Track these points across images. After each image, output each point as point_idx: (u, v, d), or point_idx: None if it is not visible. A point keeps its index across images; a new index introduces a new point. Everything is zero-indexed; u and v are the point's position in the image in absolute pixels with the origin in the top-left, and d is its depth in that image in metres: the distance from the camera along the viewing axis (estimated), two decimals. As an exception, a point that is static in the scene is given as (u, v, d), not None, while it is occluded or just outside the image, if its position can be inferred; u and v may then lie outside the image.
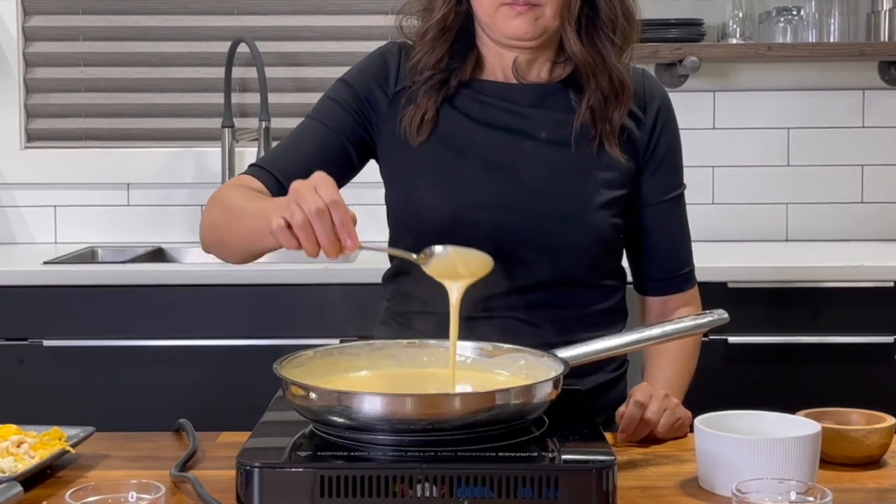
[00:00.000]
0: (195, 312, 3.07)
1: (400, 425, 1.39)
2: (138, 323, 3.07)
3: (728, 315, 1.68)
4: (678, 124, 2.00)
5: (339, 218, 1.46)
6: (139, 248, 3.65)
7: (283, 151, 1.93)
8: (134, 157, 3.74)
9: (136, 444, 1.70)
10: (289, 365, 1.56)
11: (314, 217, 1.45)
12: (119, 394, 3.06)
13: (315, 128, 1.93)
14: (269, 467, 1.36)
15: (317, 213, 1.45)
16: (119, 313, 3.07)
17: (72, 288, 3.08)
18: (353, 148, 1.92)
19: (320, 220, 1.45)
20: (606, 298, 1.95)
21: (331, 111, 1.93)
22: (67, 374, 3.07)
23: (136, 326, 3.07)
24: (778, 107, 3.73)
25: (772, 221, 3.75)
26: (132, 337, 3.07)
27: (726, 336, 3.06)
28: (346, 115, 1.92)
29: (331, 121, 1.92)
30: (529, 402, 1.45)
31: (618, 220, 1.92)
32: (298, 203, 1.47)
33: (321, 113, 1.94)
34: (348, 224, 1.47)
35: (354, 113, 1.92)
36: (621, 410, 1.71)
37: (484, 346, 1.68)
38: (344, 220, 1.46)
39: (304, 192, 1.48)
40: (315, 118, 1.94)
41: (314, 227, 1.46)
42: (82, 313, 3.07)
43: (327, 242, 1.46)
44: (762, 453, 1.41)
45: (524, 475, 1.34)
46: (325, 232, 1.46)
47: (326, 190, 1.48)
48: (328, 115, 1.93)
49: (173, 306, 3.07)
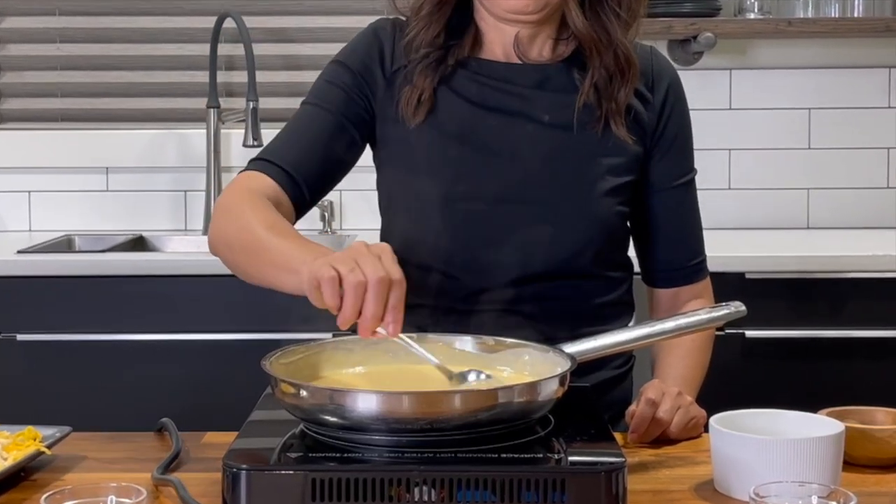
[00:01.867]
0: (178, 305, 3.07)
1: (396, 425, 1.39)
2: (118, 316, 3.07)
3: (745, 307, 1.68)
4: (690, 105, 1.99)
5: (395, 298, 1.44)
6: (119, 237, 3.64)
7: (287, 141, 1.91)
8: (113, 140, 3.74)
9: (115, 445, 1.71)
10: (278, 361, 1.56)
11: (374, 284, 1.42)
12: (97, 391, 3.07)
13: (316, 113, 1.92)
14: (257, 470, 1.36)
15: (378, 282, 1.43)
16: (97, 306, 3.07)
17: (47, 279, 3.08)
18: (357, 129, 1.92)
19: (378, 290, 1.43)
20: (612, 290, 1.95)
21: (329, 94, 1.93)
22: (42, 370, 3.07)
23: (116, 320, 3.07)
24: (799, 86, 3.73)
25: (792, 208, 3.75)
26: (111, 331, 3.07)
27: (743, 330, 3.07)
28: (346, 96, 1.92)
29: (331, 104, 1.92)
30: (534, 401, 1.45)
31: (624, 207, 1.92)
32: (359, 263, 1.44)
33: (319, 97, 1.93)
34: (400, 309, 1.45)
35: (354, 94, 1.92)
36: (632, 409, 1.71)
37: (485, 341, 1.68)
38: (399, 303, 1.44)
39: (369, 257, 1.45)
40: (314, 103, 1.93)
41: (368, 294, 1.43)
42: (58, 306, 3.07)
43: (371, 315, 1.43)
44: (781, 454, 1.41)
45: (528, 478, 1.34)
46: (375, 304, 1.43)
47: (392, 266, 1.45)
48: (327, 98, 1.93)
49: (155, 298, 3.07)
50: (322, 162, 1.89)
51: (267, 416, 1.58)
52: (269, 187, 1.83)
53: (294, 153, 1.88)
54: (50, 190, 3.74)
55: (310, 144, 1.89)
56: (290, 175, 1.85)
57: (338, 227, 3.68)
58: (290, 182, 1.85)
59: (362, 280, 1.43)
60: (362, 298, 1.43)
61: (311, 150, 1.88)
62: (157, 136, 3.74)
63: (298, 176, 1.86)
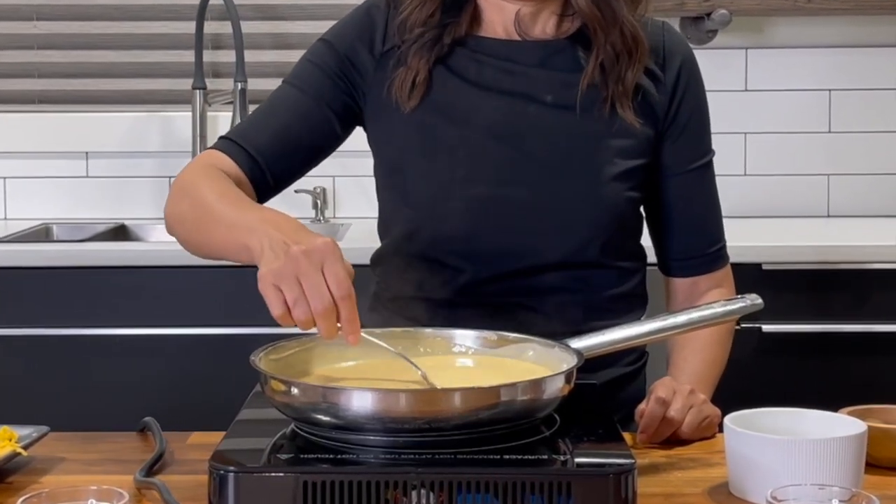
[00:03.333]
0: (163, 297, 3.07)
1: (393, 424, 1.39)
2: (98, 309, 3.07)
3: (762, 300, 1.68)
4: (704, 85, 1.99)
5: (347, 313, 1.46)
6: (99, 225, 3.64)
7: (257, 122, 1.92)
8: (93, 123, 3.73)
9: (95, 446, 1.71)
10: (268, 356, 1.56)
11: (320, 317, 1.45)
12: (76, 389, 3.07)
13: (292, 95, 1.92)
14: (246, 472, 1.36)
15: (323, 315, 1.45)
16: (77, 298, 3.07)
17: (23, 270, 3.08)
18: (336, 117, 1.92)
19: (325, 319, 1.45)
20: (623, 282, 1.95)
21: (310, 76, 1.93)
22: (18, 366, 3.07)
23: (96, 313, 3.07)
24: (819, 66, 3.73)
25: (811, 195, 3.75)
26: (91, 325, 3.07)
27: (760, 324, 3.07)
28: (328, 79, 1.92)
29: (310, 87, 1.92)
30: (539, 399, 1.45)
31: (635, 193, 1.92)
32: (303, 287, 1.45)
33: (299, 78, 1.94)
34: (355, 321, 1.46)
35: (337, 77, 1.92)
36: (641, 408, 1.71)
37: (487, 336, 1.68)
38: (350, 317, 1.46)
39: (312, 276, 1.45)
40: (292, 84, 1.94)
41: (318, 323, 1.45)
42: (35, 298, 3.07)
43: (326, 335, 1.46)
44: (800, 456, 1.41)
45: (532, 480, 1.34)
46: (327, 328, 1.46)
47: (337, 278, 1.46)
48: (307, 80, 1.93)
49: (138, 290, 3.07)
50: (291, 147, 1.89)
51: (256, 415, 1.58)
52: (229, 168, 1.84)
53: (261, 135, 1.88)
54: (26, 176, 3.74)
55: (280, 128, 1.89)
56: (253, 158, 1.86)
57: (331, 214, 3.67)
58: (253, 165, 1.86)
59: (308, 316, 1.45)
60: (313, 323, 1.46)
61: (280, 133, 1.88)
62: (140, 118, 3.74)
63: (262, 159, 1.86)
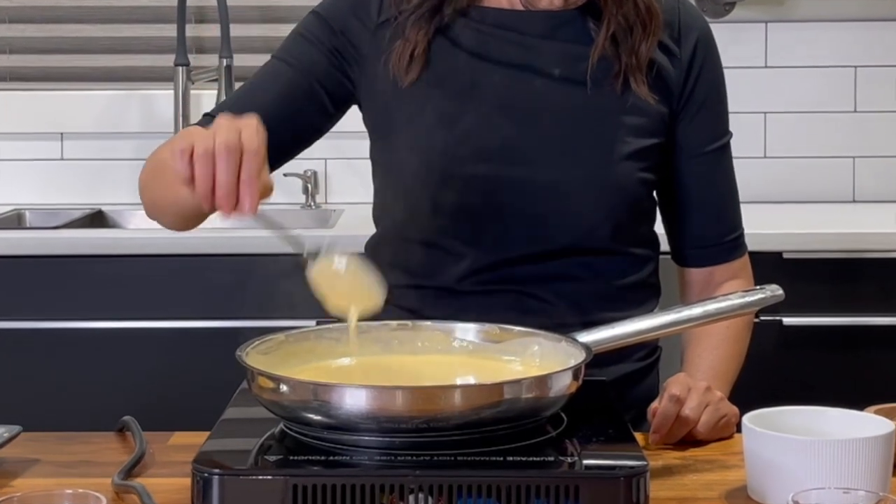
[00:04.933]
0: (143, 288, 3.07)
1: (389, 424, 1.40)
2: (74, 301, 3.07)
3: (783, 291, 1.69)
4: (722, 61, 1.99)
5: (248, 169, 1.46)
6: (75, 211, 3.64)
7: (241, 99, 1.93)
8: (69, 102, 3.73)
9: (71, 447, 1.71)
10: (255, 351, 1.56)
11: (220, 152, 1.45)
12: (51, 386, 3.07)
13: (281, 70, 1.93)
14: (232, 475, 1.36)
15: (225, 150, 1.45)
16: (51, 289, 3.07)
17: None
18: (328, 94, 1.92)
19: (226, 159, 1.45)
20: (635, 270, 1.95)
21: (300, 50, 1.93)
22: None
23: (72, 305, 3.07)
24: (843, 40, 3.72)
25: (835, 179, 3.75)
26: (67, 317, 3.07)
27: (780, 316, 3.07)
28: (319, 54, 1.92)
29: (300, 62, 1.92)
30: (544, 396, 1.45)
31: (648, 174, 1.92)
32: (215, 133, 1.47)
33: (288, 52, 1.94)
34: (253, 182, 1.46)
35: (329, 52, 1.92)
36: (654, 406, 1.71)
37: (489, 329, 1.68)
38: (252, 175, 1.46)
39: (224, 127, 1.47)
40: (281, 58, 1.94)
41: (216, 164, 1.45)
42: (6, 289, 3.08)
43: (222, 187, 1.45)
44: (824, 457, 1.41)
45: (538, 484, 1.34)
46: (226, 175, 1.45)
47: (249, 136, 1.47)
48: (297, 54, 1.93)
49: (116, 280, 3.07)
50: (278, 127, 1.89)
51: (242, 413, 1.59)
52: None
53: (246, 112, 1.88)
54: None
55: (267, 106, 1.88)
56: None
57: (322, 200, 3.67)
58: None
59: (209, 147, 1.45)
60: (212, 170, 1.45)
61: (266, 112, 1.87)
62: (119, 97, 3.74)
63: None
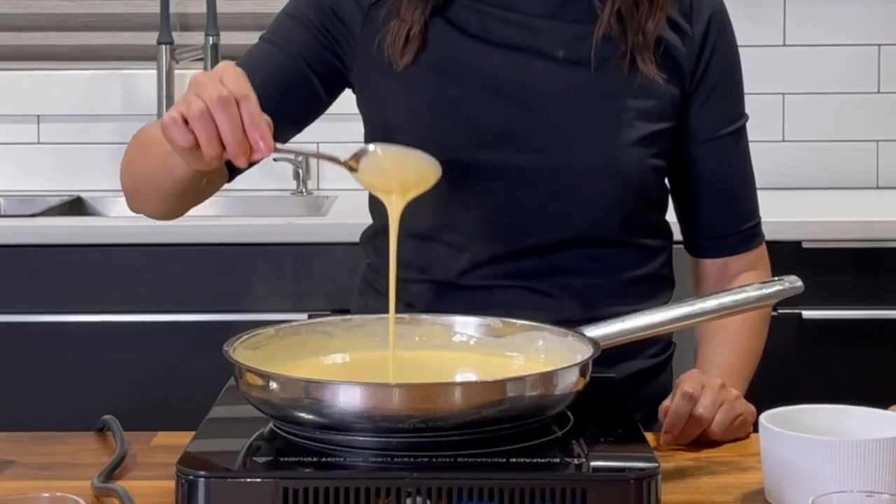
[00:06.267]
0: (124, 279, 3.07)
1: (385, 423, 1.40)
2: (51, 293, 3.07)
3: (802, 283, 1.69)
4: (737, 39, 1.99)
5: (248, 112, 1.48)
6: (52, 198, 3.64)
7: None
8: (46, 83, 3.73)
9: (48, 448, 1.71)
10: (243, 346, 1.56)
11: (216, 106, 1.47)
12: (27, 383, 3.07)
13: (269, 53, 1.93)
14: (218, 477, 1.37)
15: (219, 102, 1.47)
16: (26, 280, 3.07)
17: (-33, 248, 3.08)
18: (319, 78, 1.93)
19: (224, 111, 1.47)
20: (646, 262, 1.95)
21: (289, 31, 1.93)
22: (-38, 357, 3.08)
23: (49, 297, 3.07)
24: (866, 17, 3.72)
25: (858, 163, 3.75)
26: (44, 311, 3.08)
27: (800, 309, 3.07)
28: (309, 36, 1.92)
29: (289, 44, 1.92)
30: (550, 394, 1.45)
31: (658, 161, 1.92)
32: (199, 93, 1.48)
33: (277, 34, 1.94)
34: (259, 121, 1.49)
35: (319, 33, 1.92)
36: (666, 405, 1.71)
37: (491, 323, 1.68)
38: (254, 115, 1.49)
39: (206, 82, 1.49)
40: (269, 41, 1.94)
41: (216, 119, 1.47)
42: (-20, 281, 3.08)
43: (232, 138, 1.47)
44: (846, 459, 1.41)
45: (543, 487, 1.34)
46: (230, 125, 1.47)
47: (234, 82, 1.49)
48: (286, 36, 1.93)
49: (96, 271, 3.07)
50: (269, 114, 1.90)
51: (230, 412, 1.59)
52: None
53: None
54: (-31, 142, 3.75)
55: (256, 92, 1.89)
56: None
57: (314, 186, 3.68)
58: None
59: (202, 106, 1.47)
60: (214, 126, 1.48)
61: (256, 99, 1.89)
62: (99, 77, 3.73)
63: None
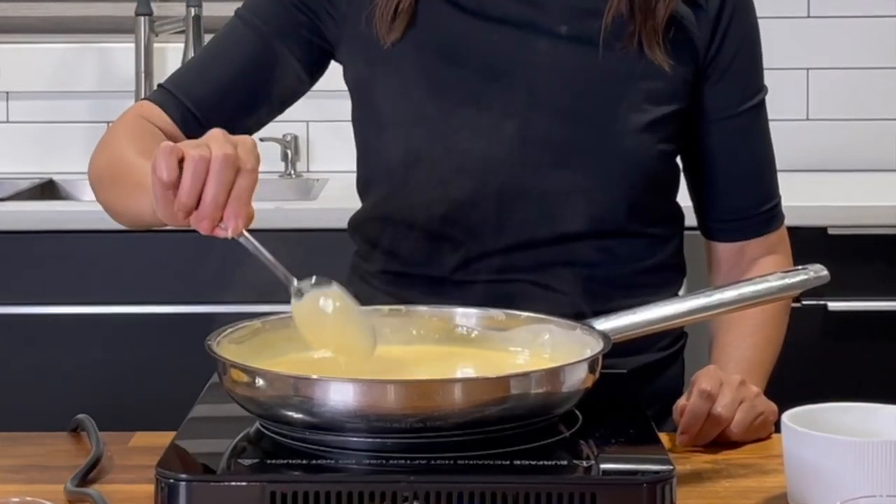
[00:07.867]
0: (99, 268, 3.07)
1: (379, 423, 1.40)
2: (21, 282, 3.08)
3: (827, 272, 1.68)
4: (756, 11, 1.99)
5: (240, 186, 1.45)
6: (22, 181, 3.64)
7: (199, 68, 1.95)
8: (15, 57, 3.74)
9: (18, 449, 1.71)
10: (228, 340, 1.57)
11: (217, 161, 1.44)
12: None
13: (245, 33, 1.93)
14: (201, 481, 1.37)
15: (223, 159, 1.44)
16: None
17: (-69, 235, 3.09)
18: (299, 58, 1.93)
19: (221, 169, 1.44)
20: (656, 252, 1.96)
21: (267, 8, 1.94)
22: (-74, 352, 3.08)
23: (19, 287, 3.08)
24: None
25: (886, 144, 3.75)
26: (13, 302, 3.08)
27: (825, 300, 3.08)
28: (288, 12, 1.92)
29: (266, 21, 1.92)
30: (556, 392, 1.45)
31: (668, 145, 1.92)
32: (209, 143, 1.46)
33: (253, 11, 1.94)
34: (245, 201, 1.45)
35: (299, 10, 1.92)
36: (682, 403, 1.71)
37: (494, 315, 1.69)
38: (243, 192, 1.45)
39: (221, 138, 1.47)
40: (244, 18, 1.94)
41: (209, 172, 1.44)
42: (-55, 270, 3.08)
43: (212, 199, 1.44)
44: (874, 460, 1.41)
45: (549, 491, 1.34)
46: (217, 186, 1.44)
47: (247, 153, 1.47)
48: (262, 13, 1.93)
49: (69, 259, 3.08)
50: (240, 99, 1.91)
51: (213, 411, 1.59)
52: (165, 124, 1.88)
53: (203, 85, 1.91)
54: (-66, 121, 3.75)
55: (227, 74, 1.90)
56: (192, 113, 1.88)
57: (303, 168, 3.67)
58: (192, 121, 1.88)
59: (205, 155, 1.44)
60: (203, 179, 1.44)
61: (227, 82, 1.89)
62: (72, 51, 3.74)
63: (202, 114, 1.89)
